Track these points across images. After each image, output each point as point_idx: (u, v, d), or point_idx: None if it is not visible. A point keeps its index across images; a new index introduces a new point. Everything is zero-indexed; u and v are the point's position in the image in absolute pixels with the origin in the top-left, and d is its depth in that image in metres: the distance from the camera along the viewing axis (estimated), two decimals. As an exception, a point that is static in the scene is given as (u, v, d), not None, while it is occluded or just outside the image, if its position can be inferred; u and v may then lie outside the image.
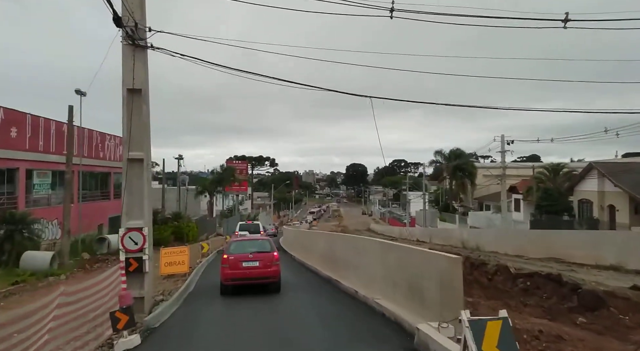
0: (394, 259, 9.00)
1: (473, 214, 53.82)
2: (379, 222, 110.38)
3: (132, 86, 9.75)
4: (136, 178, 10.11)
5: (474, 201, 64.84)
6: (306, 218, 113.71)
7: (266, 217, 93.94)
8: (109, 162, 34.49)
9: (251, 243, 13.66)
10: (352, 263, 11.60)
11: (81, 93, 24.77)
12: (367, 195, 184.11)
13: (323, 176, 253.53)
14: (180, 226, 37.32)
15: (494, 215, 49.07)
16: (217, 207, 72.76)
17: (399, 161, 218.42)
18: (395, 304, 8.56)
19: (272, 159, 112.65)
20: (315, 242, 17.23)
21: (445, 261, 6.92)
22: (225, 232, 57.78)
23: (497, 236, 32.12)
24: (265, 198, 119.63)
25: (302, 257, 19.38)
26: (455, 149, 62.42)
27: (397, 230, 61.72)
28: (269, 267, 12.30)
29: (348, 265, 11.93)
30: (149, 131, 10.32)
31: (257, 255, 12.49)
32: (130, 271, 9.75)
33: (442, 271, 6.86)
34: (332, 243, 14.10)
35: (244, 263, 12.23)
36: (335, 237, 14.99)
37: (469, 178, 60.95)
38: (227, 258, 12.48)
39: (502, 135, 40.33)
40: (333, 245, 14.03)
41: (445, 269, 6.85)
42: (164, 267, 16.18)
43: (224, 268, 12.43)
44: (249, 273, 12.19)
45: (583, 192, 38.44)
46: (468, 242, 34.77)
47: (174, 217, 39.35)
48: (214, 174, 64.86)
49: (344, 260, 12.45)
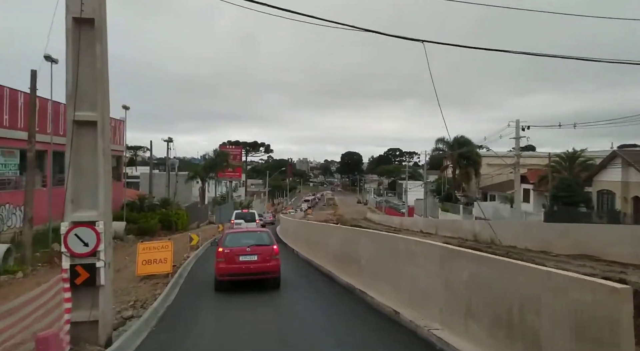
0: (465, 273, 6.04)
1: (479, 205, 51.03)
2: (375, 211, 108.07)
3: (79, 14, 6.61)
4: (87, 151, 7.02)
5: (478, 191, 62.27)
6: (301, 206, 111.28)
7: (260, 204, 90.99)
8: (89, 142, 31.27)
9: (248, 235, 12.75)
10: (387, 270, 8.65)
11: (52, 60, 21.45)
12: (362, 183, 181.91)
13: (317, 164, 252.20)
14: (169, 214, 34.26)
15: (502, 206, 46.42)
16: (210, 193, 69.68)
17: (394, 150, 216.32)
18: (473, 343, 5.63)
19: (267, 145, 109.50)
20: (327, 237, 14.29)
21: (592, 292, 3.93)
22: (218, 220, 54.82)
23: (516, 229, 29.31)
24: (259, 185, 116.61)
25: (309, 254, 16.46)
26: (459, 137, 59.47)
27: (398, 220, 58.89)
28: (268, 261, 11.44)
29: (381, 273, 8.94)
30: (106, 82, 7.18)
31: (255, 248, 11.61)
32: (77, 285, 6.72)
33: (582, 308, 3.91)
34: (354, 241, 11.07)
35: (241, 257, 11.37)
36: (359, 234, 11.91)
37: (474, 167, 58.21)
38: (222, 251, 11.53)
39: (517, 120, 37.54)
40: (355, 243, 11.02)
41: (590, 307, 3.88)
42: (141, 266, 13.17)
43: (219, 262, 11.47)
44: (247, 268, 11.31)
45: (604, 182, 35.74)
46: (481, 234, 32.00)
47: (162, 204, 36.25)
48: (207, 159, 61.57)
49: (374, 264, 9.50)
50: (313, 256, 15.47)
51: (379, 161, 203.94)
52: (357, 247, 10.69)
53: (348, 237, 12.09)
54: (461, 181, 60.07)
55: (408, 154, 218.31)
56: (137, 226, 29.42)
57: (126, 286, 12.23)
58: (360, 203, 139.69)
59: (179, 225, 35.41)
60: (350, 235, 12.08)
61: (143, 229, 29.33)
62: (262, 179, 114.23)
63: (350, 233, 12.36)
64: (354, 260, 10.89)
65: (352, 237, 11.69)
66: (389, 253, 8.53)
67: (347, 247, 11.76)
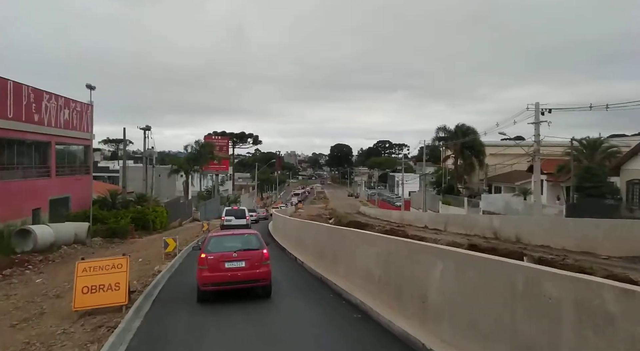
0: None
1: (487, 197, 47.37)
2: (367, 204, 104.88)
3: None
4: None
5: (481, 182, 58.67)
6: (291, 201, 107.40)
7: (249, 199, 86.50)
8: (49, 129, 26.48)
9: (235, 239, 11.39)
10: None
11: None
12: (352, 176, 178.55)
13: (305, 157, 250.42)
14: (144, 211, 29.73)
15: (514, 199, 42.67)
16: (195, 187, 65.05)
17: (383, 142, 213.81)
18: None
19: (256, 136, 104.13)
20: (349, 247, 10.07)
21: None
22: (204, 217, 50.25)
23: (546, 225, 25.37)
24: (247, 179, 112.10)
25: (319, 267, 12.30)
26: (461, 125, 55.71)
27: (397, 215, 54.77)
28: (257, 268, 10.34)
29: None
30: None
31: (242, 253, 10.48)
32: None
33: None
34: (399, 258, 6.89)
35: (227, 263, 10.26)
36: (414, 247, 7.26)
37: (478, 157, 54.51)
38: (205, 257, 10.33)
39: (536, 103, 33.62)
40: (418, 267, 6.75)
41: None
42: (80, 296, 8.80)
43: (202, 270, 10.26)
44: (233, 276, 10.21)
45: (634, 170, 32.12)
46: (501, 231, 28.04)
47: (138, 200, 31.71)
48: (191, 150, 56.82)
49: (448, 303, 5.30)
50: (327, 271, 11.28)
51: (368, 153, 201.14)
52: (425, 274, 6.40)
53: (387, 253, 7.76)
54: (464, 172, 56.40)
55: (398, 146, 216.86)
56: (105, 227, 24.91)
57: (52, 331, 7.89)
58: (351, 196, 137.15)
59: (157, 224, 30.92)
60: (392, 248, 7.72)
61: (113, 230, 24.83)
62: (250, 172, 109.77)
63: (391, 245, 7.85)
64: (414, 297, 6.64)
65: (397, 252, 7.40)
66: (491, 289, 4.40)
67: (386, 267, 7.62)
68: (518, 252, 18.41)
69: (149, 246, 21.83)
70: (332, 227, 12.05)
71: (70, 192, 29.10)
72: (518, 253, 17.96)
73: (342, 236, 10.90)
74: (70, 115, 29.48)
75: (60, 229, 20.48)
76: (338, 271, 10.76)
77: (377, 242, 8.62)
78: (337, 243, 11.19)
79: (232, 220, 28.79)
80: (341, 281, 10.10)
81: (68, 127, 29.10)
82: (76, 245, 21.24)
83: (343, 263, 10.54)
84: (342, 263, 10.66)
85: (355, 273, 9.38)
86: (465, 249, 20.84)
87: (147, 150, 36.01)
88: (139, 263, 16.30)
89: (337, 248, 11.27)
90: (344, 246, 10.65)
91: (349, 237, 10.26)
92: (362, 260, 9.16)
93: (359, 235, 9.59)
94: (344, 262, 10.34)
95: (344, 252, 10.51)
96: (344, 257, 10.48)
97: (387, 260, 7.91)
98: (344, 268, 10.35)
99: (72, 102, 29.67)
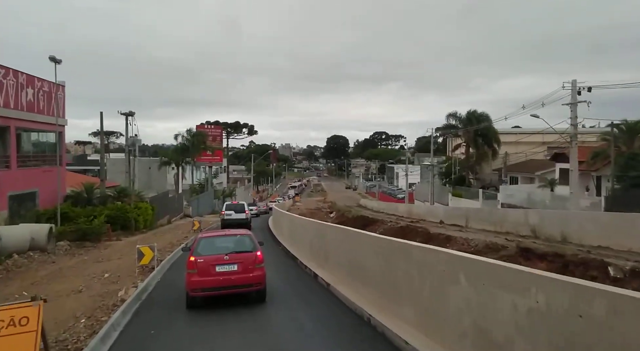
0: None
1: (506, 188, 43.38)
2: (366, 196, 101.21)
3: None
4: None
5: (494, 173, 54.77)
6: (288, 194, 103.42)
7: (244, 192, 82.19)
8: (5, 110, 22.04)
9: (226, 240, 10.54)
10: None
11: None
12: (349, 168, 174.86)
13: (300, 150, 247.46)
14: (125, 208, 25.38)
15: (539, 190, 38.67)
16: (187, 181, 60.64)
17: (379, 133, 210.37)
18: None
19: (251, 126, 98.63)
20: (425, 277, 5.84)
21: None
22: (196, 213, 45.95)
23: (606, 220, 21.13)
24: (242, 171, 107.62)
25: (363, 298, 8.06)
26: (473, 111, 51.55)
27: (403, 208, 50.51)
28: (250, 271, 9.52)
29: None
30: None
31: (234, 255, 9.63)
32: None
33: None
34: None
35: (218, 267, 9.43)
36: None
37: (491, 145, 50.55)
38: (194, 261, 9.51)
39: (573, 81, 29.56)
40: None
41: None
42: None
43: (191, 274, 9.41)
44: (225, 280, 9.36)
45: (686, 157, 28.21)
46: (542, 229, 23.79)
47: (118, 195, 27.39)
48: (182, 140, 52.35)
49: None
50: (355, 290, 7.13)
51: (364, 145, 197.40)
52: None
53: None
54: (476, 162, 52.42)
55: (394, 138, 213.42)
56: (74, 228, 20.61)
57: None
58: (349, 188, 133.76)
59: (140, 223, 26.59)
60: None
61: (83, 232, 20.51)
62: (245, 165, 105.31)
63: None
64: None
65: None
66: None
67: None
68: (597, 259, 14.17)
69: (126, 252, 17.61)
70: (389, 240, 7.72)
71: (37, 186, 24.75)
72: (597, 261, 13.71)
73: (414, 262, 6.53)
74: (35, 96, 24.99)
75: (10, 233, 16.15)
76: (401, 312, 6.53)
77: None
78: (400, 267, 6.88)
79: (232, 214, 28.83)
80: (418, 335, 5.85)
81: (32, 109, 24.64)
82: (33, 252, 16.93)
83: (410, 302, 6.31)
84: (407, 301, 6.42)
85: (452, 330, 5.10)
86: (515, 251, 16.44)
87: (130, 138, 31.57)
88: (103, 281, 12.11)
89: (396, 275, 7.01)
90: (411, 274, 6.43)
91: (428, 262, 5.95)
92: (457, 300, 4.97)
93: (457, 259, 5.28)
94: (417, 302, 6.10)
95: (414, 284, 6.25)
96: (415, 292, 6.20)
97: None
98: (415, 311, 6.09)
99: (37, 80, 25.17)
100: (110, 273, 12.92)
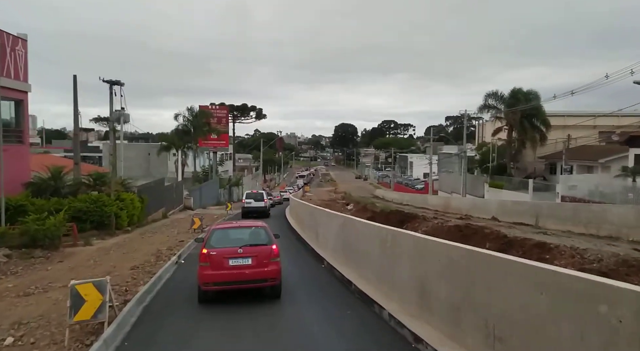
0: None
1: (567, 178, 36.53)
2: (379, 187, 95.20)
3: None
4: None
5: (538, 161, 47.96)
6: (297, 183, 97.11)
7: (252, 181, 75.64)
8: None
9: (240, 232, 10.08)
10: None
11: None
12: (359, 157, 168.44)
13: (305, 139, 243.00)
14: (102, 200, 18.75)
15: (616, 181, 31.85)
16: (189, 168, 54.18)
17: (388, 122, 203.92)
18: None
19: (259, 109, 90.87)
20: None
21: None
22: (198, 205, 39.33)
23: None
24: (249, 160, 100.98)
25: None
26: (518, 89, 44.43)
27: (436, 201, 43.72)
28: (265, 266, 9.08)
29: None
30: None
31: (249, 248, 9.18)
32: None
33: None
34: None
35: (231, 260, 9.01)
36: None
37: (539, 129, 43.64)
38: (207, 253, 9.09)
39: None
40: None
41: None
42: None
43: (204, 267, 9.00)
44: (239, 274, 8.95)
45: None
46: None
47: (94, 182, 20.83)
48: (183, 120, 45.63)
49: None
50: None
51: (372, 134, 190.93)
52: None
53: None
54: (520, 149, 45.58)
55: (403, 126, 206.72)
56: (21, 230, 14.10)
57: None
58: (359, 178, 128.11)
59: (123, 220, 19.99)
60: None
61: (32, 236, 13.98)
62: (251, 153, 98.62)
63: None
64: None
65: None
66: None
67: None
68: None
69: (92, 267, 11.12)
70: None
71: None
72: None
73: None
74: None
75: None
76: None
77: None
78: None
79: (252, 202, 30.32)
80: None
81: (9, 74, 18.12)
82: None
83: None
84: None
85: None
86: None
87: (115, 112, 24.92)
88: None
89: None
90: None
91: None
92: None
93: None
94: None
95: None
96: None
97: None
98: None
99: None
100: (23, 332, 6.31)
